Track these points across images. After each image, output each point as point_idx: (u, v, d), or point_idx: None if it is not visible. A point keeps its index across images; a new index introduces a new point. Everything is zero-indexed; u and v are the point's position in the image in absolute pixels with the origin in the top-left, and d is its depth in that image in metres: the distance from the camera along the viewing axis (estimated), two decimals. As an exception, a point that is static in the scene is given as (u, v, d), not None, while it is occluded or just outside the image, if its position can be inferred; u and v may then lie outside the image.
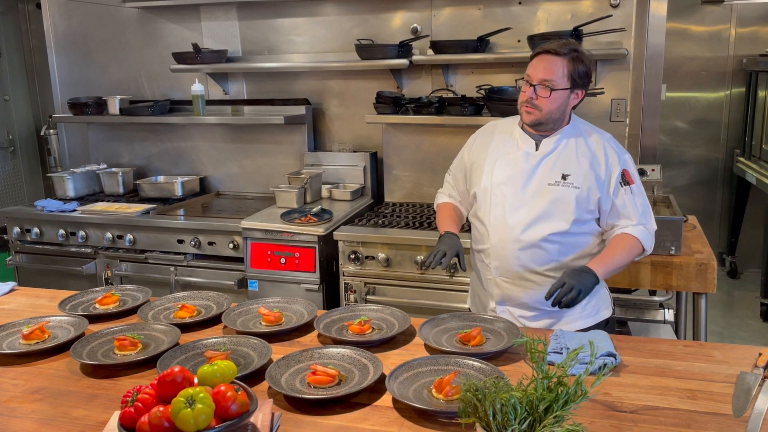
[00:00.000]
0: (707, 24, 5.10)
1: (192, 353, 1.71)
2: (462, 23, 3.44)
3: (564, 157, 2.09)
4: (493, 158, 2.17)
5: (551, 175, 2.08)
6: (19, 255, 3.70)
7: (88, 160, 4.28)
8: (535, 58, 2.07)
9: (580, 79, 2.04)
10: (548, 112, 2.04)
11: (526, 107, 2.06)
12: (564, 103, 2.05)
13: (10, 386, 1.62)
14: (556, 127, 2.10)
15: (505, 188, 2.11)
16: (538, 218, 2.06)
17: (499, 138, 2.21)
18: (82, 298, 2.18)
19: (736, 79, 5.11)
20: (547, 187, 2.07)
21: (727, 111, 5.20)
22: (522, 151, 2.13)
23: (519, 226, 2.07)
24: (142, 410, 1.24)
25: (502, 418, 1.10)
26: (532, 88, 2.03)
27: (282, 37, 3.80)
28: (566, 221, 2.05)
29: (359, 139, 3.79)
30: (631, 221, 2.09)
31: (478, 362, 1.59)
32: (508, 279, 2.12)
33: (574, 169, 2.07)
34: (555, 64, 2.01)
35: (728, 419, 1.39)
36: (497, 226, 2.11)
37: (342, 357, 1.67)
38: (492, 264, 2.14)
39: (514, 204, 2.09)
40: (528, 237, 2.06)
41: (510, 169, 2.12)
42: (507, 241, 2.09)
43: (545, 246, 2.07)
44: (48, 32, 4.25)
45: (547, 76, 2.01)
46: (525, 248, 2.07)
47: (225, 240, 3.29)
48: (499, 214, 2.11)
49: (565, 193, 2.05)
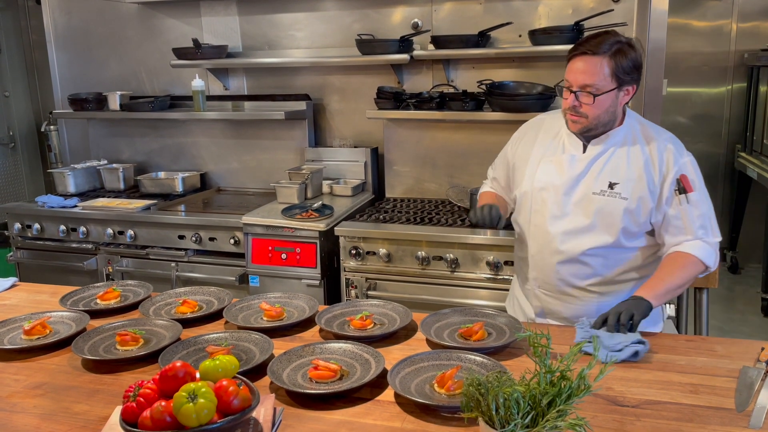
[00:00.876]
0: (708, 19, 5.09)
1: (193, 348, 1.71)
2: (463, 18, 3.44)
3: (613, 163, 1.91)
4: (536, 159, 2.01)
5: (597, 184, 1.90)
6: (20, 251, 3.70)
7: (89, 155, 4.28)
8: (572, 61, 1.87)
9: (627, 75, 1.84)
10: (595, 118, 1.86)
11: (570, 115, 1.89)
12: (612, 104, 1.86)
13: (11, 381, 1.62)
14: (607, 129, 1.92)
15: (546, 195, 1.96)
16: (580, 230, 1.91)
17: (544, 136, 2.04)
18: (83, 293, 2.18)
19: (737, 74, 5.10)
20: (592, 196, 1.90)
21: (729, 106, 5.19)
22: (568, 154, 1.95)
23: (559, 238, 1.92)
24: (144, 405, 1.24)
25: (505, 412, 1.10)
26: (573, 95, 1.85)
27: (282, 33, 3.79)
28: (611, 234, 1.89)
29: (360, 134, 3.78)
30: (686, 236, 1.87)
31: (480, 357, 1.59)
32: (548, 292, 2.00)
33: (623, 176, 1.89)
34: (594, 65, 1.81)
35: (731, 413, 1.39)
36: (536, 236, 1.98)
37: (344, 352, 1.66)
38: (531, 274, 2.02)
39: (555, 213, 1.94)
40: (568, 250, 1.92)
41: (553, 174, 1.96)
42: (546, 252, 1.96)
43: (587, 260, 1.92)
44: (48, 28, 4.24)
45: (588, 80, 1.82)
46: (565, 261, 1.93)
47: (226, 236, 3.29)
48: (538, 222, 1.97)
49: (610, 204, 1.88)
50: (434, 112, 3.29)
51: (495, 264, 2.80)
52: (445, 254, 2.88)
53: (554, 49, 3.12)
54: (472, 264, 2.86)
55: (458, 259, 2.87)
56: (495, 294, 2.83)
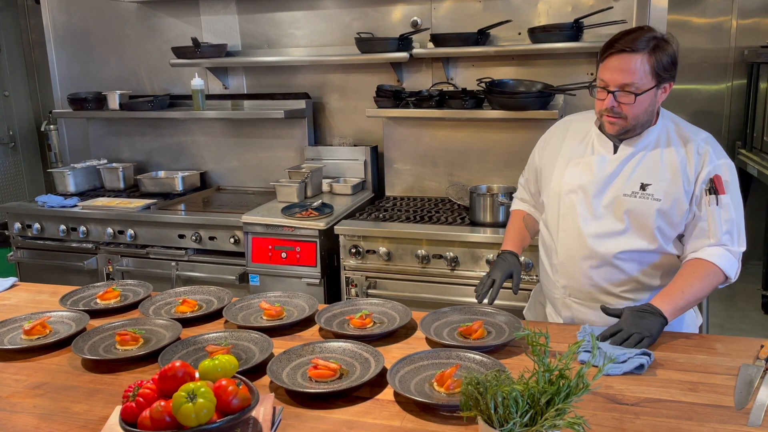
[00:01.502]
0: (708, 15, 5.08)
1: (193, 348, 1.71)
2: (462, 16, 3.43)
3: (646, 163, 1.84)
4: (565, 161, 1.94)
5: (628, 185, 1.83)
6: (20, 250, 3.70)
7: (89, 155, 4.28)
8: (607, 59, 1.77)
9: (666, 72, 1.76)
10: (635, 118, 1.78)
11: (607, 117, 1.80)
12: (651, 103, 1.78)
13: (11, 381, 1.62)
14: (643, 129, 1.84)
15: (575, 197, 1.89)
16: (613, 233, 1.84)
17: (572, 138, 1.97)
18: (83, 293, 2.18)
19: (737, 70, 5.09)
20: (623, 198, 1.83)
21: (729, 103, 5.18)
22: (597, 155, 1.88)
23: (590, 242, 1.86)
24: (144, 405, 1.24)
25: (504, 411, 1.10)
26: (610, 95, 1.76)
27: (282, 31, 3.79)
28: (644, 237, 1.83)
29: (360, 133, 3.78)
30: (710, 240, 1.80)
31: (479, 356, 1.59)
32: (579, 300, 1.93)
33: (656, 177, 1.82)
34: (634, 63, 1.72)
35: (730, 411, 1.39)
36: (566, 240, 1.91)
37: (343, 351, 1.67)
38: (560, 282, 1.95)
39: (585, 216, 1.87)
40: (601, 253, 1.85)
41: (583, 176, 1.89)
42: (577, 257, 1.89)
43: (620, 264, 1.85)
44: (47, 27, 4.24)
45: (628, 79, 1.73)
46: (598, 266, 1.87)
47: (226, 235, 3.29)
48: (568, 226, 1.91)
49: (642, 206, 1.81)
50: (434, 110, 3.28)
51: (495, 262, 2.80)
52: (444, 252, 2.88)
53: (554, 47, 3.12)
54: (471, 262, 2.86)
55: (458, 258, 2.87)
56: (495, 292, 2.83)
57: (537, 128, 3.19)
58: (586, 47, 3.11)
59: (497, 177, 3.42)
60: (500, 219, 2.93)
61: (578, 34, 3.14)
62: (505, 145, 3.40)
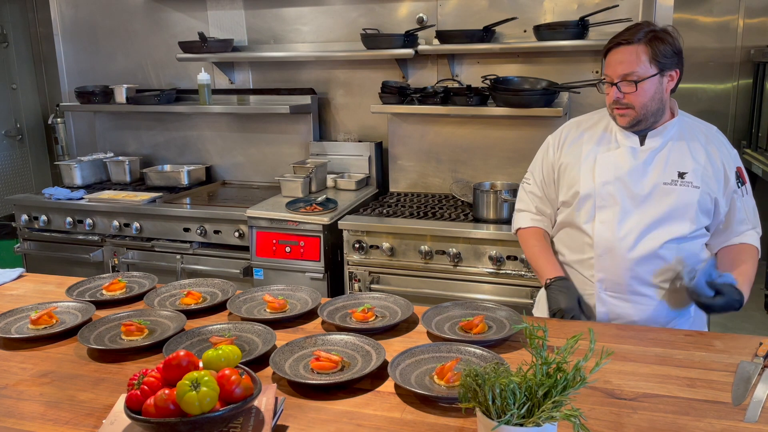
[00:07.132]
0: (715, 14, 5.07)
1: (197, 339, 1.73)
2: (468, 13, 3.44)
3: (677, 154, 1.87)
4: (591, 156, 1.94)
5: (666, 174, 1.85)
6: (26, 242, 3.74)
7: (95, 148, 4.31)
8: (608, 54, 1.85)
9: (667, 59, 1.81)
10: (642, 107, 1.83)
11: (616, 110, 1.86)
12: (658, 90, 1.83)
13: (18, 370, 1.65)
14: (657, 119, 1.88)
15: (612, 188, 1.89)
16: (656, 223, 1.85)
17: (591, 133, 1.98)
18: (89, 284, 2.20)
19: (743, 70, 5.08)
20: (664, 186, 1.85)
21: (734, 102, 5.17)
22: (626, 146, 1.90)
23: (633, 233, 1.86)
24: (148, 393, 1.26)
25: (501, 402, 1.12)
26: (614, 87, 1.82)
27: (288, 27, 3.80)
28: (686, 225, 1.85)
29: (364, 128, 3.79)
30: (747, 226, 1.93)
31: (479, 349, 1.60)
32: (616, 294, 1.91)
33: (690, 166, 1.85)
34: (631, 54, 1.80)
35: (727, 407, 1.40)
36: (605, 233, 1.89)
37: (345, 344, 1.68)
38: (596, 276, 1.92)
39: (625, 207, 1.87)
40: (644, 245, 1.85)
41: (616, 168, 1.89)
42: (617, 249, 1.88)
43: (663, 254, 1.86)
44: (55, 21, 4.27)
45: (627, 69, 1.80)
46: (640, 258, 1.87)
47: (230, 229, 3.31)
48: (606, 218, 1.89)
49: (685, 194, 1.84)
50: (438, 106, 3.30)
51: (497, 259, 2.81)
52: (448, 248, 2.89)
53: (559, 45, 3.13)
54: (474, 258, 2.88)
55: (461, 254, 2.88)
56: (497, 288, 2.84)
57: (541, 126, 3.21)
58: (592, 45, 3.12)
59: (501, 174, 3.43)
60: (504, 216, 2.94)
61: (584, 32, 3.14)
62: (509, 142, 3.41)
